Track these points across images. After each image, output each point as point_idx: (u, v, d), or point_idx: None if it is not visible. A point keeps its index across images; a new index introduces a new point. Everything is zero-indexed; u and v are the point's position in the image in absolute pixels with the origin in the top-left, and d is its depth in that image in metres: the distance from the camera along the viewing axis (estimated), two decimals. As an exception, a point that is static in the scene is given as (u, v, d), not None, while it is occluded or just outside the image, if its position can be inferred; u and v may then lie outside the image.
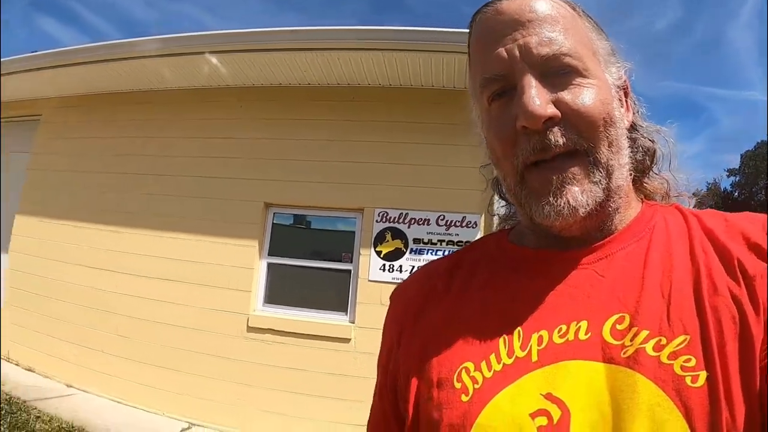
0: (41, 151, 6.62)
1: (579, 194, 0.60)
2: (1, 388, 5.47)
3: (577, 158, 0.61)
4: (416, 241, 4.93)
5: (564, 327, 0.59)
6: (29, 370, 6.09)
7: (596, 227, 0.65)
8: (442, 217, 4.94)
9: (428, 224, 4.94)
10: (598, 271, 0.62)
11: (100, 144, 6.24)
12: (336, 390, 4.89)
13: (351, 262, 5.08)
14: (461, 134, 4.88)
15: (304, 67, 5.23)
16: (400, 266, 4.91)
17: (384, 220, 4.98)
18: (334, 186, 5.12)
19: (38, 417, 5.04)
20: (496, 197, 0.82)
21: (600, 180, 0.62)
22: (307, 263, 5.25)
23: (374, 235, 4.97)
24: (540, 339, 0.59)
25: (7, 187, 6.79)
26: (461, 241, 4.90)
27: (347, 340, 4.92)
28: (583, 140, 0.61)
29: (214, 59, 5.42)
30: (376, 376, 0.79)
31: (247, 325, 5.11)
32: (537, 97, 0.59)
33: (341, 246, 5.29)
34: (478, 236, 5.14)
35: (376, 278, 4.92)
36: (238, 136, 5.53)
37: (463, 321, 0.66)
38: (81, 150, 6.34)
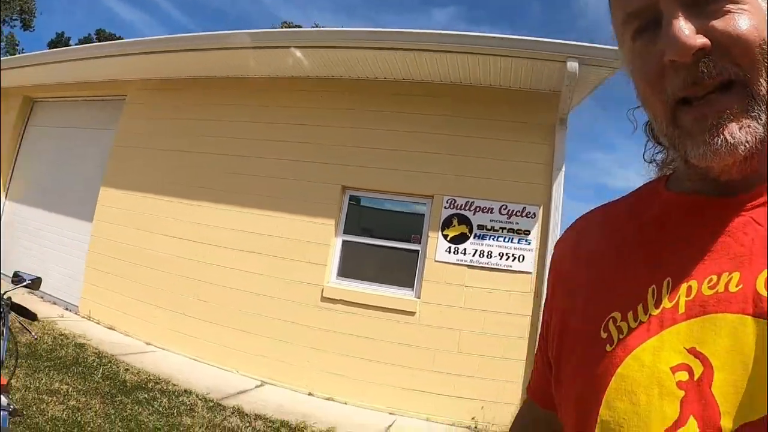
0: (126, 129, 7.18)
1: (737, 130, 0.55)
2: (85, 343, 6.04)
3: (733, 91, 0.55)
4: (480, 227, 5.43)
5: (714, 278, 0.55)
6: (110, 328, 6.66)
7: (756, 169, 0.59)
8: (504, 207, 5.43)
9: (491, 212, 5.43)
10: (756, 218, 0.57)
11: (184, 125, 6.79)
12: (399, 358, 5.40)
13: (419, 243, 5.60)
14: (526, 132, 5.44)
15: (383, 64, 5.73)
16: (464, 249, 5.41)
17: (451, 206, 5.49)
18: (407, 173, 5.64)
19: (127, 369, 5.57)
20: (651, 143, 0.74)
21: (759, 115, 0.55)
22: (379, 242, 5.78)
23: (442, 220, 5.48)
24: (689, 290, 0.56)
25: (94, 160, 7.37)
26: (521, 230, 5.40)
27: (412, 314, 5.43)
28: (738, 69, 0.55)
29: (298, 53, 5.93)
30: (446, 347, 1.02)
31: (321, 296, 5.64)
32: (685, 27, 0.54)
33: (406, 227, 5.82)
34: (537, 226, 5.64)
35: (441, 259, 5.43)
36: (319, 124, 6.06)
37: (613, 270, 0.64)
38: (165, 129, 6.90)
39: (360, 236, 5.84)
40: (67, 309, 7.12)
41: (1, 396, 1.75)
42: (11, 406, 1.76)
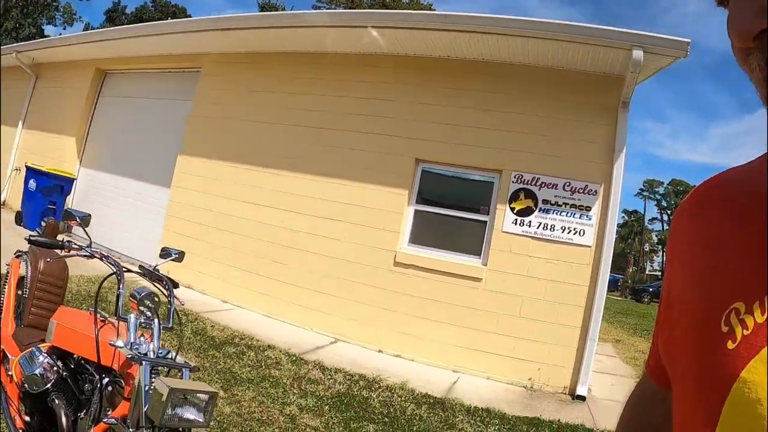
0: (202, 100, 7.60)
1: None
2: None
3: None
4: (545, 201, 5.81)
5: None
6: (188, 287, 7.15)
7: None
8: (568, 184, 5.80)
9: (556, 188, 5.81)
10: None
11: (259, 97, 7.19)
12: (465, 320, 5.83)
13: (488, 214, 6.01)
14: (590, 113, 5.83)
15: (457, 45, 6.06)
16: (530, 222, 5.81)
17: (519, 181, 5.88)
18: (478, 149, 6.02)
19: (212, 326, 6.04)
20: None
21: None
22: (449, 212, 6.20)
23: (510, 194, 5.88)
24: None
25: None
26: (582, 206, 5.78)
27: (479, 279, 5.86)
28: None
29: (374, 32, 6.28)
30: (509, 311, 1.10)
31: (394, 260, 6.09)
32: (743, 10, 0.48)
33: (474, 199, 6.24)
34: (598, 203, 6.00)
35: (508, 230, 5.84)
36: (393, 99, 6.43)
37: (734, 253, 0.54)
38: (240, 101, 7.30)
39: (431, 206, 6.27)
40: (144, 268, 7.62)
41: (178, 356, 2.11)
42: (190, 364, 2.11)
